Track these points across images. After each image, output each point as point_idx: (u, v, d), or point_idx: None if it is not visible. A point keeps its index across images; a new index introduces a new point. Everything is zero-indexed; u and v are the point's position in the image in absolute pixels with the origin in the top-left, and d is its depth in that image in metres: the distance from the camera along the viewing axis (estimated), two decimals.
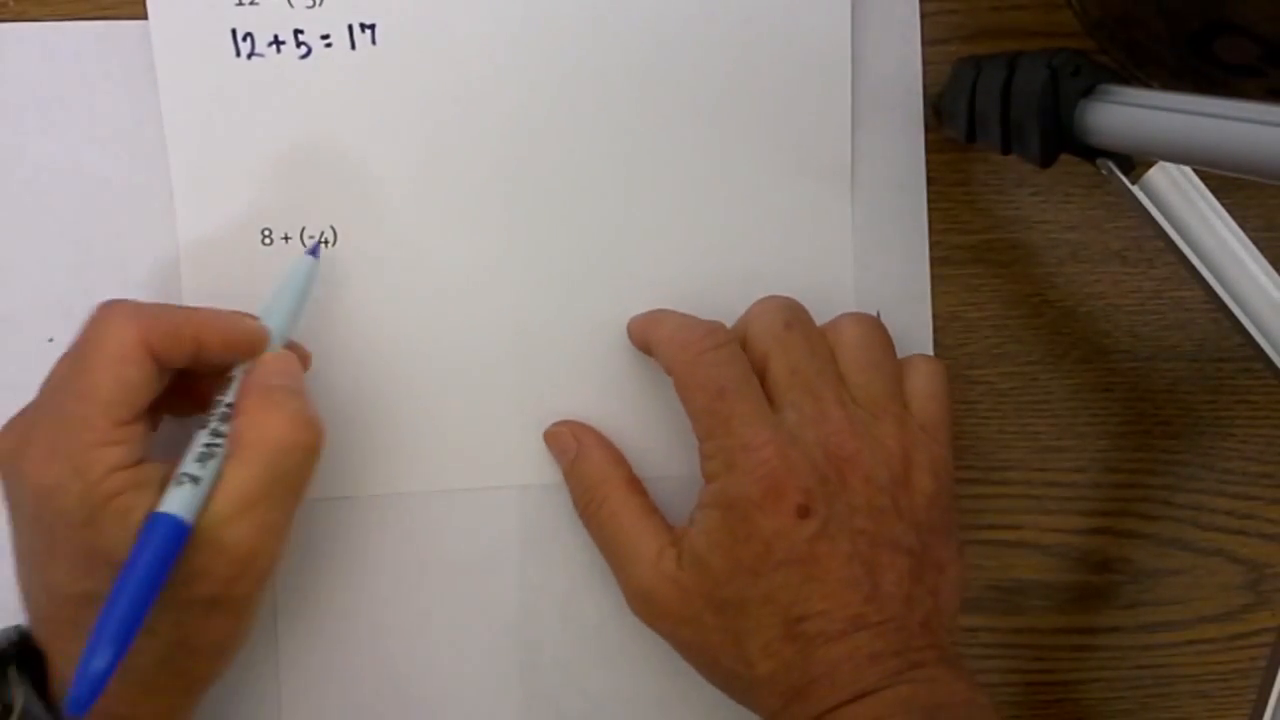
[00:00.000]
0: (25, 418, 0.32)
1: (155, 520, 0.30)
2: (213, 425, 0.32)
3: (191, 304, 0.37)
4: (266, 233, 0.37)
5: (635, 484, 0.37)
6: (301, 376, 0.34)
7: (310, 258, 0.36)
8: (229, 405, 0.32)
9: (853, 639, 0.32)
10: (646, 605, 0.35)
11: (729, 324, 0.36)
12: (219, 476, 0.31)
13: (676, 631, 0.34)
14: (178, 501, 0.30)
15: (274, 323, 0.34)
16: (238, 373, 0.33)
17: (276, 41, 0.37)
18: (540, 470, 0.38)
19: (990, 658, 0.41)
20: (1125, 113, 0.32)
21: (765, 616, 0.33)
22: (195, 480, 0.30)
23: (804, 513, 0.32)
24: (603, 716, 0.39)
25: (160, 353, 0.31)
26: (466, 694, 0.38)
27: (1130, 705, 0.42)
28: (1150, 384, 0.41)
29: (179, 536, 0.30)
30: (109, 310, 0.32)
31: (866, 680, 0.32)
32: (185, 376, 0.33)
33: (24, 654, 0.31)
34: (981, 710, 0.32)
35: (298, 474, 0.32)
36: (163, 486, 0.30)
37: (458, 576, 0.38)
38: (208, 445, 0.31)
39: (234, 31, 0.37)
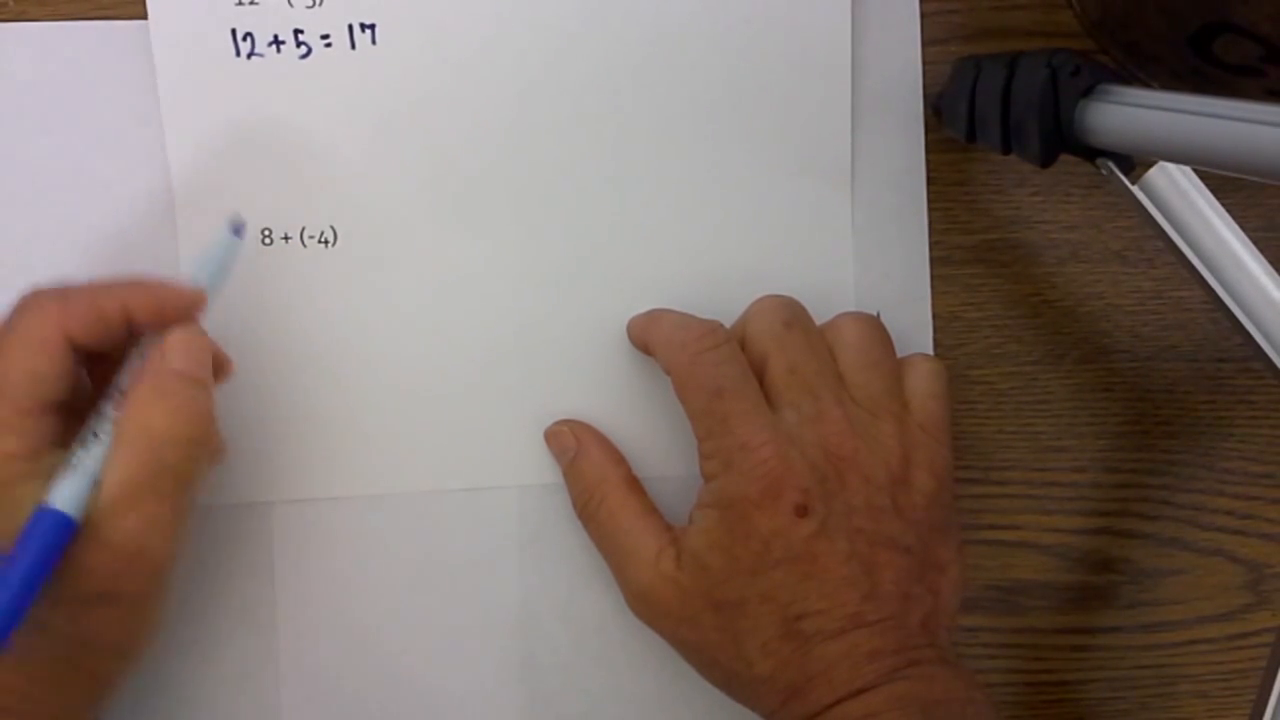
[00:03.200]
0: None
1: (39, 515, 0.29)
2: (105, 409, 0.30)
3: None
4: (266, 233, 0.37)
5: (634, 484, 0.37)
6: (207, 361, 0.32)
7: (232, 236, 0.34)
8: (122, 390, 0.31)
9: (851, 637, 0.32)
10: (645, 605, 0.35)
11: (729, 323, 0.36)
12: (103, 466, 0.30)
13: (675, 631, 0.35)
14: (63, 494, 0.29)
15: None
16: (137, 352, 0.32)
17: (276, 41, 0.37)
18: (540, 470, 0.38)
19: (990, 658, 0.41)
20: (1125, 113, 0.32)
21: (764, 615, 0.33)
22: (79, 467, 0.29)
23: (802, 512, 0.32)
24: (603, 716, 0.39)
25: (82, 338, 0.30)
26: (467, 694, 0.38)
27: (1130, 705, 0.42)
28: (1150, 384, 0.41)
29: (63, 531, 0.29)
30: (32, 297, 0.31)
31: (864, 678, 0.32)
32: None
33: None
34: (979, 707, 0.32)
35: (185, 469, 0.31)
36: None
37: (458, 576, 0.38)
38: (95, 433, 0.30)
39: (234, 31, 0.37)
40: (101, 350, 0.32)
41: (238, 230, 0.34)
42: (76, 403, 0.32)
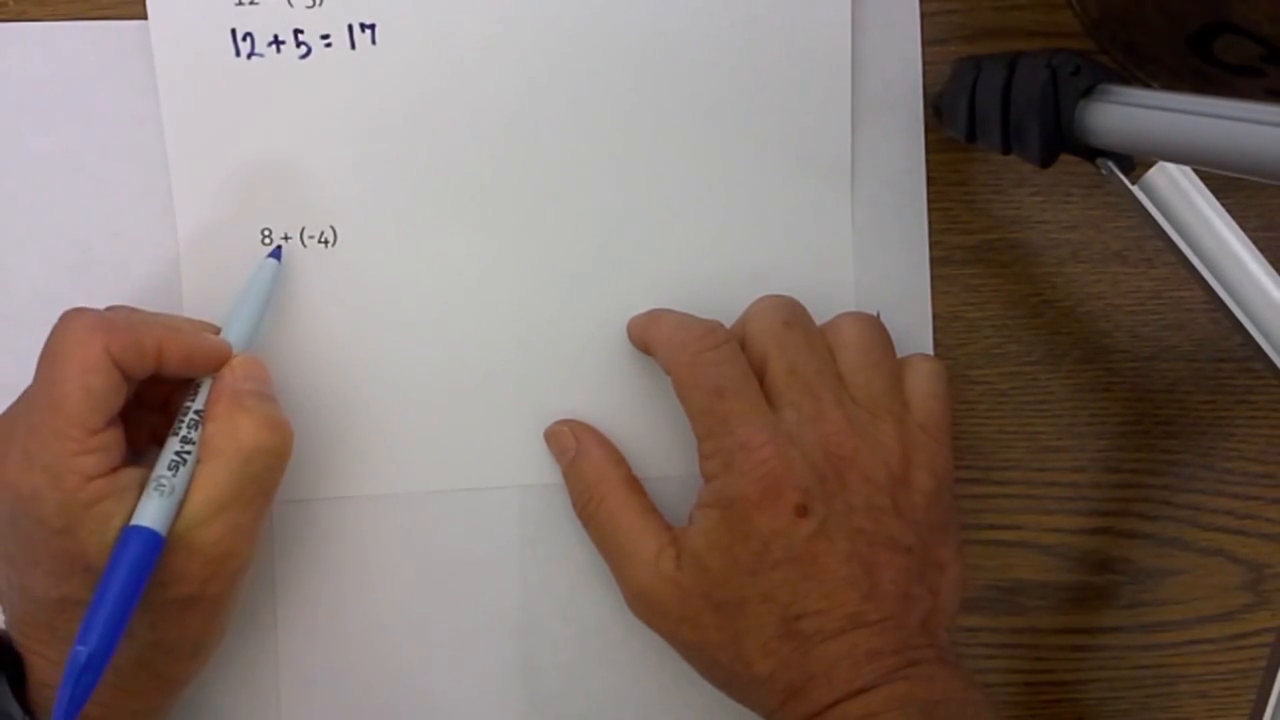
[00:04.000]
0: (2, 429, 0.32)
1: (130, 533, 0.30)
2: (183, 432, 0.32)
3: (192, 305, 0.37)
4: (266, 233, 0.37)
5: (634, 483, 0.37)
6: (269, 380, 0.34)
7: (272, 261, 0.37)
8: (198, 412, 0.33)
9: (850, 637, 0.32)
10: (645, 605, 0.35)
11: (729, 323, 0.36)
12: (191, 481, 0.31)
13: (675, 631, 0.34)
14: (151, 512, 0.30)
15: (238, 328, 0.35)
16: (206, 379, 0.33)
17: (276, 41, 0.37)
18: (540, 470, 0.38)
19: (990, 658, 0.41)
20: (1125, 113, 0.32)
21: (763, 615, 0.33)
22: (167, 488, 0.31)
23: (802, 512, 0.32)
24: (603, 716, 0.39)
25: (124, 363, 0.31)
26: (467, 694, 0.38)
27: (1130, 705, 0.42)
28: (1150, 384, 0.41)
29: (154, 548, 0.30)
30: (72, 321, 0.32)
31: (864, 677, 0.32)
32: (154, 380, 0.33)
33: (2, 656, 0.32)
34: (978, 707, 0.32)
35: (267, 476, 0.33)
36: (139, 491, 0.31)
37: (458, 576, 0.38)
38: (179, 452, 0.32)
39: (234, 31, 0.37)
40: (135, 377, 0.33)
41: (275, 254, 0.37)
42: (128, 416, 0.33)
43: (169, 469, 0.31)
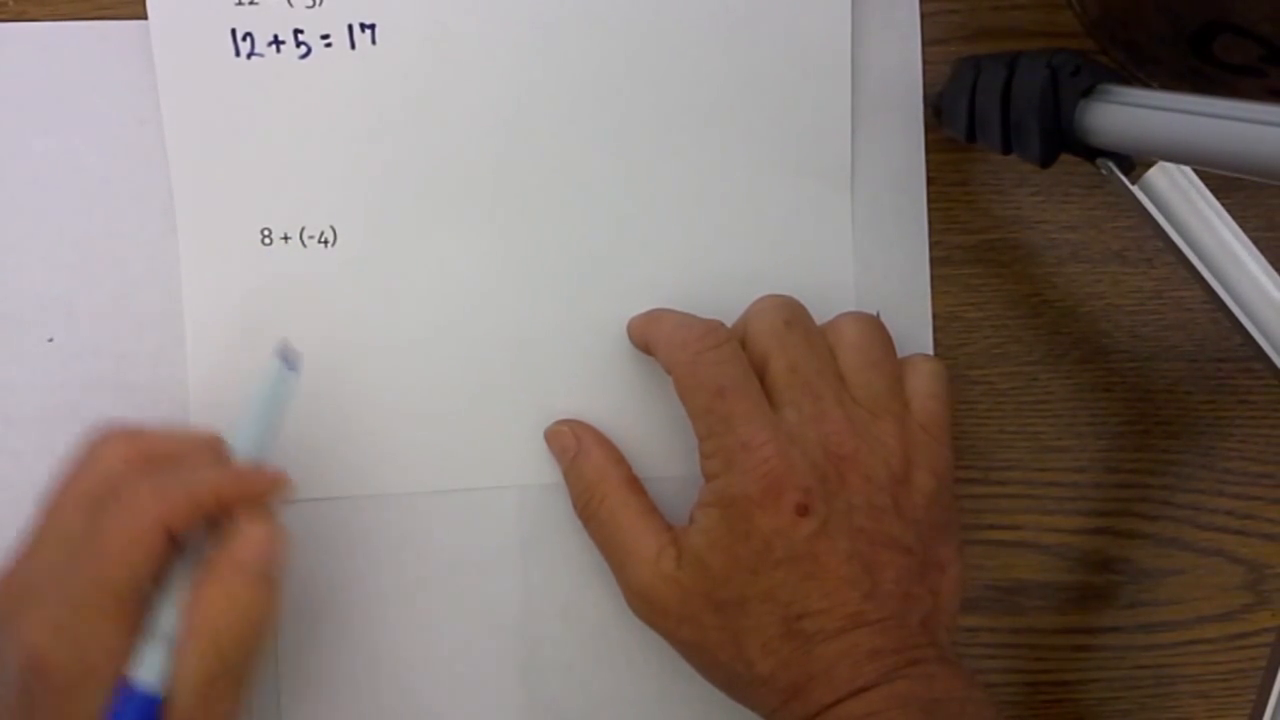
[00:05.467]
0: (25, 578, 0.31)
1: (128, 691, 0.29)
2: (173, 594, 0.31)
3: (192, 305, 0.37)
4: (266, 232, 0.37)
5: (634, 483, 0.37)
6: (279, 555, 0.32)
7: (284, 368, 0.33)
8: (188, 576, 0.31)
9: (851, 636, 0.32)
10: (646, 604, 0.35)
11: (729, 323, 0.36)
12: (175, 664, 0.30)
13: (676, 631, 0.34)
14: (148, 668, 0.30)
15: (244, 442, 0.33)
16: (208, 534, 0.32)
17: (276, 41, 0.37)
18: (540, 470, 0.38)
19: (990, 658, 0.41)
20: (1125, 113, 0.32)
21: (764, 615, 0.33)
22: (158, 644, 0.30)
23: (803, 511, 0.32)
24: (603, 716, 0.39)
25: (179, 529, 0.30)
26: (467, 694, 0.38)
27: (1130, 705, 0.42)
28: (1150, 384, 0.41)
29: (150, 708, 0.30)
30: (130, 485, 0.31)
31: (865, 676, 0.32)
32: None
33: None
34: (979, 706, 0.32)
35: (247, 663, 0.31)
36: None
37: (458, 576, 0.38)
38: (165, 618, 0.30)
39: (234, 31, 0.37)
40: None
41: (290, 363, 0.34)
42: None
43: (155, 633, 0.30)
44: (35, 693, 0.30)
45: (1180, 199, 0.34)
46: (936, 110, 0.39)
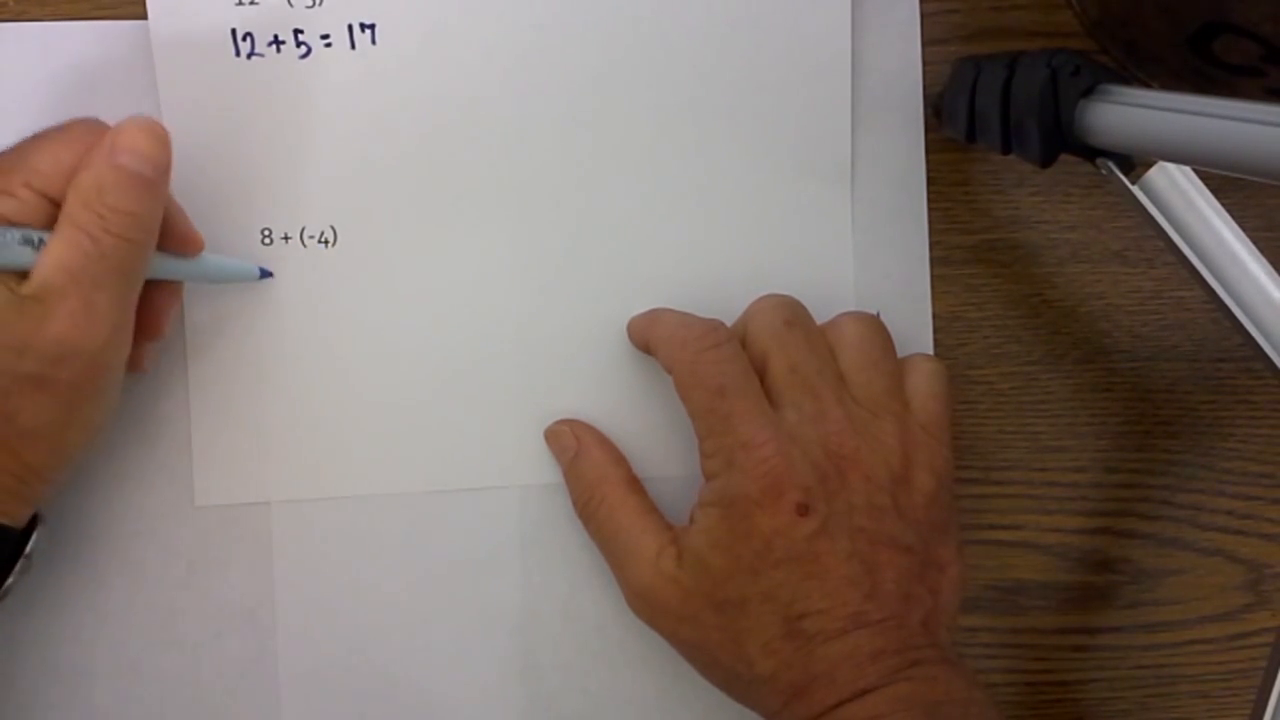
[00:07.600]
0: None
1: None
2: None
3: (191, 305, 0.37)
4: (266, 233, 0.37)
5: (634, 483, 0.37)
6: (160, 156, 0.31)
7: (258, 269, 0.37)
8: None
9: (852, 637, 0.32)
10: (646, 604, 0.35)
11: (729, 323, 0.36)
12: (42, 251, 0.30)
13: (676, 630, 0.34)
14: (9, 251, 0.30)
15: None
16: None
17: (276, 41, 0.37)
18: (540, 470, 0.38)
19: (990, 658, 0.41)
20: (1125, 113, 0.32)
21: (765, 615, 0.33)
22: (35, 241, 0.30)
23: (803, 511, 0.32)
24: (603, 716, 0.39)
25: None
26: (467, 694, 0.38)
27: (1130, 705, 0.42)
28: (1150, 384, 0.41)
29: None
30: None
31: (867, 678, 0.32)
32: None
33: None
34: (981, 707, 0.32)
35: (123, 257, 0.31)
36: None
37: (458, 576, 0.38)
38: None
39: (234, 31, 0.37)
40: None
41: (264, 272, 0.37)
42: None
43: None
44: None
45: (1180, 199, 0.34)
46: (936, 110, 0.39)
